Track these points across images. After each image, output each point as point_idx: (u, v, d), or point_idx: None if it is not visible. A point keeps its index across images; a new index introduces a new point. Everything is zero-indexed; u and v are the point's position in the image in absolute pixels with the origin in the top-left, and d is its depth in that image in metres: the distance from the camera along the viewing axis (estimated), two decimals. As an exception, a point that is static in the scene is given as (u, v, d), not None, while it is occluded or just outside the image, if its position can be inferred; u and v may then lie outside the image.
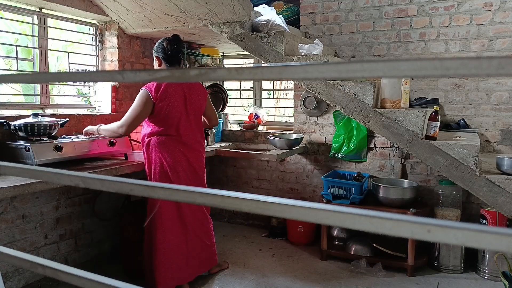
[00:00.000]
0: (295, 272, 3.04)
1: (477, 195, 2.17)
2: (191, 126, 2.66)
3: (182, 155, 2.59)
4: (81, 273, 0.71)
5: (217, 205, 0.59)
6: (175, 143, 2.57)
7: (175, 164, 2.56)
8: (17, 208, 2.56)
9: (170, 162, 2.54)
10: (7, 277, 2.50)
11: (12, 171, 0.82)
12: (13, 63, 3.08)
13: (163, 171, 2.54)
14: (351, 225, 0.49)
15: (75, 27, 3.30)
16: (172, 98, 2.54)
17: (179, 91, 2.58)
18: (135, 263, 2.84)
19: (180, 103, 2.58)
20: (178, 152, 2.57)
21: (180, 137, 2.59)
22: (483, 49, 3.15)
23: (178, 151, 2.58)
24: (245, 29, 2.82)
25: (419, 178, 3.39)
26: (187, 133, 2.62)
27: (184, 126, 2.61)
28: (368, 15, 3.50)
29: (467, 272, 3.05)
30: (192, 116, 2.66)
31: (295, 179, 3.94)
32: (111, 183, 0.67)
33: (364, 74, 0.48)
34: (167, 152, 2.54)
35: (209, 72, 0.59)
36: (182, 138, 2.59)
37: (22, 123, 2.35)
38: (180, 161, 2.58)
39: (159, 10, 2.94)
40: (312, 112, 3.76)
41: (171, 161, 2.54)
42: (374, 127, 2.42)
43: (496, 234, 0.42)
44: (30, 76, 1.07)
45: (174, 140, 2.57)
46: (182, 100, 2.59)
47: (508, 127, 3.13)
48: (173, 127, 2.56)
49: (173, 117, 2.54)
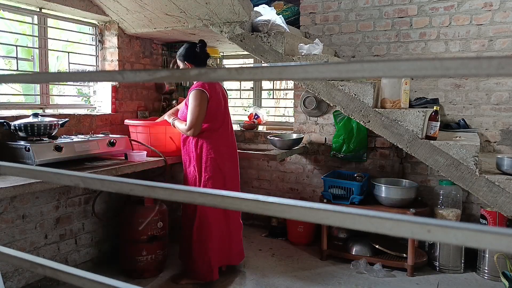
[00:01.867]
0: (295, 272, 3.04)
1: (477, 195, 2.17)
2: (229, 121, 2.93)
3: (227, 148, 2.83)
4: (81, 273, 0.71)
5: (217, 205, 0.59)
6: (221, 138, 2.80)
7: (223, 157, 2.78)
8: (17, 208, 2.56)
9: (218, 155, 2.75)
10: (7, 277, 2.50)
11: (12, 171, 0.82)
12: (13, 63, 3.08)
13: (215, 164, 2.74)
14: (351, 225, 0.49)
15: (75, 27, 3.30)
16: (218, 96, 2.78)
17: (219, 91, 2.82)
18: (135, 263, 2.85)
19: (221, 101, 2.82)
20: (223, 146, 2.80)
21: (224, 131, 2.83)
22: (483, 49, 3.15)
23: (224, 145, 2.81)
24: (245, 29, 2.82)
25: (419, 178, 3.39)
26: (227, 128, 2.88)
27: (226, 121, 2.86)
28: (368, 15, 3.50)
29: (467, 272, 3.05)
30: (228, 113, 2.92)
31: (295, 179, 3.94)
32: (111, 183, 0.67)
33: (364, 74, 0.48)
34: (216, 146, 2.75)
35: (209, 72, 0.59)
36: (225, 132, 2.84)
37: (22, 123, 2.35)
38: (225, 153, 2.81)
39: (159, 10, 2.94)
40: (312, 112, 3.76)
41: (219, 154, 2.76)
42: (374, 127, 2.42)
43: (496, 234, 0.42)
44: (30, 76, 1.07)
45: (220, 135, 2.79)
46: (222, 99, 2.84)
47: (508, 127, 3.13)
48: (218, 122, 2.78)
49: (219, 113, 2.78)
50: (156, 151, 2.86)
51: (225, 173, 2.79)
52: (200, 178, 2.76)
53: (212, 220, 2.75)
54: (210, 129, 2.74)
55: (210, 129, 2.74)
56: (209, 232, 2.74)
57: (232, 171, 2.88)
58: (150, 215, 2.84)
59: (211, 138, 2.75)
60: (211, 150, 2.73)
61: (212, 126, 2.75)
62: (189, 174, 2.83)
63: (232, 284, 2.83)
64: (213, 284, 2.79)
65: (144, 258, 2.85)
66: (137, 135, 2.97)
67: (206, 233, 2.74)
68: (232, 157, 2.89)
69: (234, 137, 2.96)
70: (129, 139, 2.91)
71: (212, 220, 2.75)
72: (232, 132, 2.94)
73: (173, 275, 2.93)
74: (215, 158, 2.73)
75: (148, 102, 3.69)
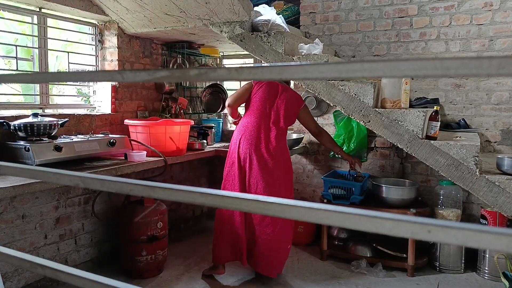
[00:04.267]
0: (295, 272, 3.04)
1: (477, 195, 2.17)
2: (268, 123, 2.83)
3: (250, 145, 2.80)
4: (81, 273, 0.71)
5: (217, 205, 0.59)
6: (250, 130, 2.81)
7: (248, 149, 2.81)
8: (17, 208, 2.56)
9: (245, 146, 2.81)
10: (7, 277, 2.50)
11: (12, 171, 0.82)
12: (12, 63, 3.07)
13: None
14: (351, 225, 0.49)
15: (75, 27, 3.30)
16: (263, 95, 2.83)
17: (273, 92, 2.84)
18: (135, 263, 2.85)
19: (266, 100, 2.83)
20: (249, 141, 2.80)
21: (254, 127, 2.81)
22: (484, 49, 3.15)
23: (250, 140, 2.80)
24: (245, 29, 2.82)
25: (419, 178, 3.39)
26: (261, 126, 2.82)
27: (264, 120, 2.82)
28: (368, 15, 3.50)
29: (467, 272, 3.05)
30: (274, 116, 2.83)
31: (295, 179, 3.93)
32: (111, 183, 0.67)
33: (364, 74, 0.48)
34: (243, 136, 2.81)
35: (209, 72, 0.59)
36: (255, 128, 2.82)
37: (22, 123, 2.35)
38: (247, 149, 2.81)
39: (159, 10, 2.94)
40: (312, 112, 3.76)
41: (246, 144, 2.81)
42: (374, 127, 2.42)
43: (496, 234, 0.42)
44: (30, 76, 1.07)
45: (250, 126, 2.81)
46: (270, 99, 2.84)
47: (508, 127, 3.13)
48: (253, 116, 2.83)
49: (256, 107, 2.84)
50: (156, 151, 2.86)
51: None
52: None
53: (226, 216, 2.83)
54: (244, 118, 2.92)
55: (244, 118, 2.91)
56: (220, 226, 2.84)
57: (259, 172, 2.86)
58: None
59: (243, 127, 2.88)
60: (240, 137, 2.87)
61: (246, 116, 2.90)
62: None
63: (232, 284, 2.83)
64: (213, 283, 2.79)
65: (144, 258, 2.85)
66: (137, 135, 2.97)
67: (219, 226, 2.84)
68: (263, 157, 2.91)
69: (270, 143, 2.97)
70: (129, 139, 2.90)
71: (226, 215, 2.83)
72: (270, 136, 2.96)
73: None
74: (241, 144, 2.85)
75: (148, 102, 3.69)
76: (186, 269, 3.05)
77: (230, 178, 2.83)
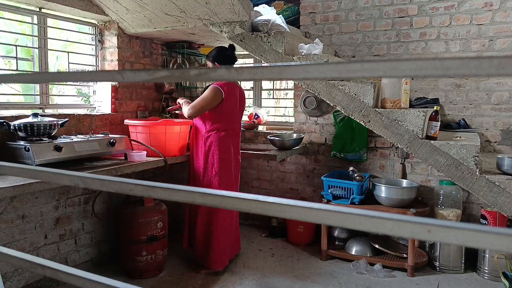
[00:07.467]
0: (295, 272, 3.04)
1: (477, 195, 2.17)
2: (239, 123, 3.09)
3: (234, 148, 2.99)
4: (81, 273, 0.71)
5: (217, 205, 0.59)
6: (230, 138, 2.95)
7: (229, 156, 2.94)
8: (17, 208, 2.56)
9: (227, 154, 2.91)
10: (7, 277, 2.50)
11: (12, 171, 0.82)
12: (12, 63, 3.08)
13: (223, 162, 2.89)
14: (351, 225, 0.49)
15: (75, 27, 3.30)
16: (234, 99, 2.93)
17: (237, 94, 2.97)
18: (135, 263, 2.85)
19: (236, 104, 2.98)
20: (231, 146, 2.95)
21: (233, 133, 2.98)
22: (484, 49, 3.15)
23: (231, 145, 2.96)
24: (245, 29, 2.82)
25: (419, 178, 3.39)
26: (237, 130, 3.05)
27: (238, 124, 3.05)
28: (368, 14, 3.50)
29: (467, 272, 3.05)
30: (240, 114, 3.08)
31: (295, 179, 3.94)
32: (111, 183, 0.67)
33: (364, 74, 0.48)
34: (225, 146, 2.90)
35: (209, 72, 0.59)
36: (234, 134, 3.00)
37: (22, 123, 2.35)
38: (232, 152, 2.96)
39: (159, 9, 2.94)
40: (312, 112, 3.76)
41: (227, 153, 2.92)
42: (374, 127, 2.42)
43: (496, 234, 0.42)
44: (30, 76, 1.07)
45: (229, 135, 2.94)
46: (238, 102, 3.00)
47: (508, 127, 3.13)
48: (229, 123, 2.94)
49: (232, 115, 2.94)
50: (156, 151, 2.86)
51: (231, 172, 2.96)
52: (205, 172, 2.91)
53: (224, 213, 2.94)
54: (220, 128, 2.90)
55: (221, 128, 2.90)
56: (219, 223, 2.93)
57: (236, 171, 3.05)
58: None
59: (220, 137, 2.89)
60: (219, 148, 2.88)
61: (223, 126, 2.91)
62: (196, 166, 2.99)
63: (232, 284, 2.83)
64: (214, 283, 2.79)
65: (144, 258, 2.85)
66: (137, 135, 2.97)
67: (217, 223, 2.93)
68: (236, 158, 3.05)
69: (239, 139, 3.13)
70: (129, 139, 2.90)
71: (224, 212, 2.93)
72: (239, 134, 3.12)
73: (191, 265, 3.09)
74: (223, 157, 2.89)
75: (148, 102, 3.69)
76: (186, 269, 3.05)
77: (225, 164, 2.94)
